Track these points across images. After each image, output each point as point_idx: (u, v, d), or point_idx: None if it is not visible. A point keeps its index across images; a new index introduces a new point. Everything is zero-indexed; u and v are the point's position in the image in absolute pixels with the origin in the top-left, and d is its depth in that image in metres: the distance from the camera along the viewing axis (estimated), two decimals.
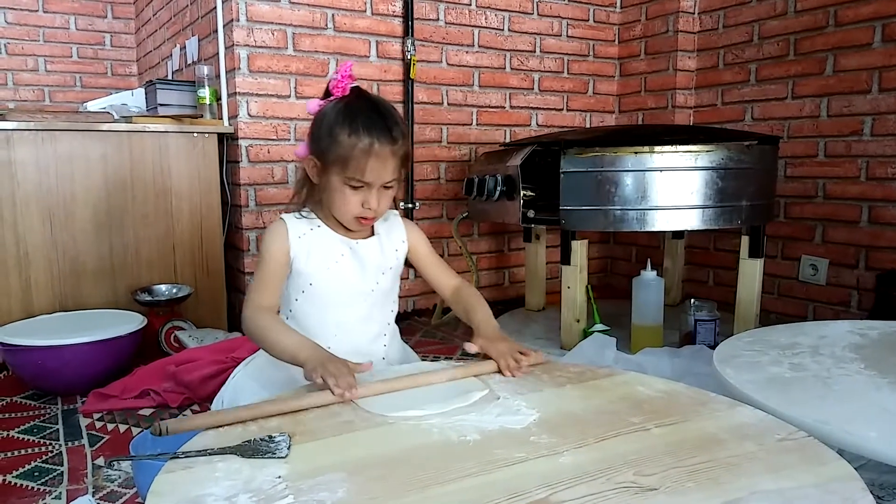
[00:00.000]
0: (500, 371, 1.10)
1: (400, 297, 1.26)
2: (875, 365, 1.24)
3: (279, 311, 1.18)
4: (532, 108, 3.00)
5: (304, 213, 1.17)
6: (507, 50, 2.91)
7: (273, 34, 2.45)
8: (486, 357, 1.13)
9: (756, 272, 2.18)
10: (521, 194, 2.10)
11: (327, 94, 1.12)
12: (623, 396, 1.03)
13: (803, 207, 2.63)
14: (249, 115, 2.45)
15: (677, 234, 2.79)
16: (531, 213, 2.12)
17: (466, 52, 2.82)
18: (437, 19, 2.74)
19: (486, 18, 2.85)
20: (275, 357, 1.08)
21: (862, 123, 2.43)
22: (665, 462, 0.80)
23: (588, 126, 3.16)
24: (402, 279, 1.26)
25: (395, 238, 1.22)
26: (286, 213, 1.17)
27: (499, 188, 2.13)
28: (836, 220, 2.53)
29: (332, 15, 2.55)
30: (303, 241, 1.13)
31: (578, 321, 2.12)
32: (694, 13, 2.95)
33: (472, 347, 1.13)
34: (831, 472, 0.78)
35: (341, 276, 1.15)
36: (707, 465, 0.79)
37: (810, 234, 2.61)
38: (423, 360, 1.33)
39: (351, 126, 1.07)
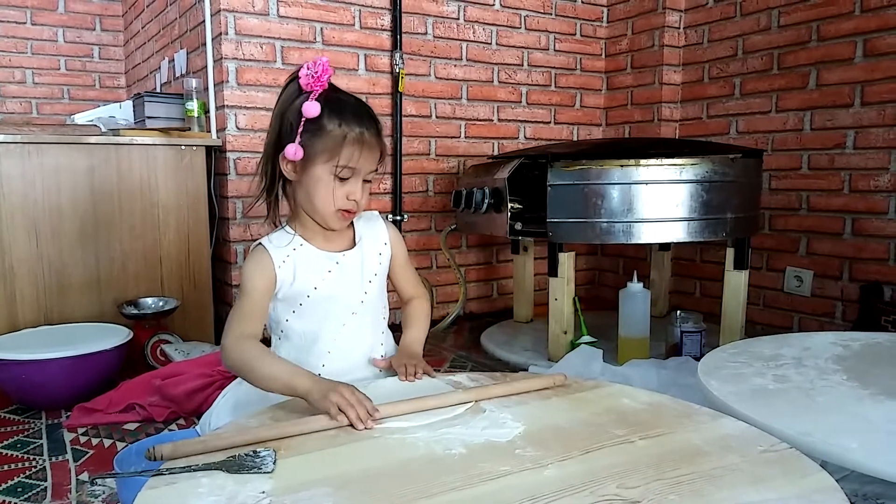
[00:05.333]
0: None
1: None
2: (857, 377, 1.25)
3: (267, 339, 1.18)
4: (520, 121, 3.02)
5: (286, 230, 1.16)
6: (495, 63, 2.93)
7: (262, 47, 2.46)
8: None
9: (741, 284, 2.20)
10: (509, 207, 2.11)
11: (299, 90, 1.09)
12: (608, 409, 1.04)
13: (788, 220, 2.65)
14: (237, 127, 2.45)
15: (664, 246, 2.81)
16: (518, 226, 2.13)
17: (454, 66, 2.84)
18: (426, 33, 2.76)
19: (473, 32, 2.87)
20: (262, 388, 1.04)
21: (845, 137, 2.47)
22: (648, 474, 0.80)
23: (575, 139, 3.18)
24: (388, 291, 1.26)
25: (378, 241, 1.21)
26: (266, 236, 1.15)
27: (486, 201, 2.15)
28: (820, 233, 2.56)
29: (321, 29, 2.56)
30: (287, 265, 1.12)
31: (566, 333, 2.13)
32: (679, 28, 2.99)
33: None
34: (813, 484, 0.79)
35: (328, 293, 1.14)
36: (690, 478, 0.80)
37: (795, 246, 2.64)
38: None
39: (340, 116, 1.08)
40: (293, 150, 1.08)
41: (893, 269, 2.36)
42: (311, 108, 1.06)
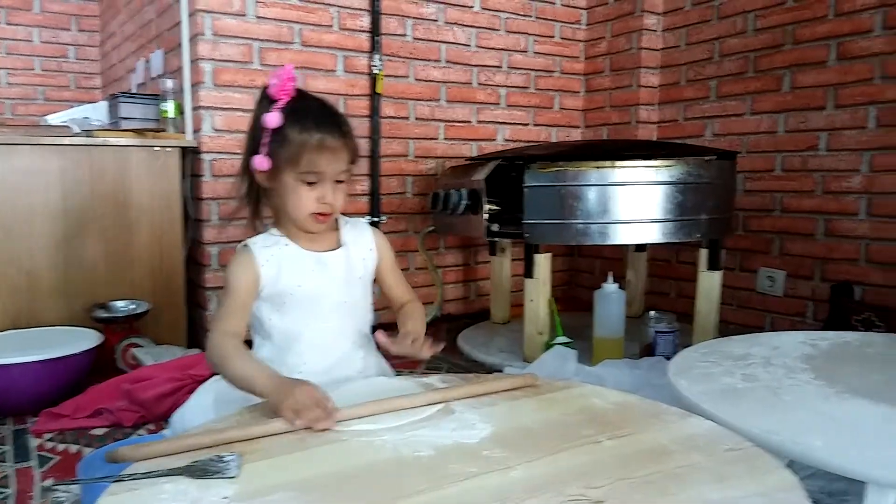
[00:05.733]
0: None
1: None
2: (824, 375, 1.27)
3: (251, 338, 1.18)
4: (499, 122, 3.03)
5: (272, 232, 1.17)
6: (474, 65, 2.94)
7: (239, 48, 2.45)
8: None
9: (714, 284, 2.22)
10: (486, 208, 2.12)
11: (268, 99, 1.12)
12: (578, 409, 1.04)
13: (761, 221, 2.68)
14: (214, 129, 2.43)
15: (640, 248, 2.83)
16: (495, 227, 2.13)
17: (434, 68, 2.84)
18: (405, 35, 2.76)
19: (453, 34, 2.87)
20: (233, 385, 1.05)
21: (818, 139, 2.50)
22: (614, 474, 0.80)
23: (554, 141, 3.19)
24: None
25: (363, 246, 1.22)
26: (251, 236, 1.17)
27: (463, 202, 2.15)
28: (792, 233, 2.59)
29: (300, 29, 2.55)
30: (271, 264, 1.13)
31: (541, 334, 2.14)
32: (657, 31, 3.01)
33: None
34: (776, 482, 0.80)
35: (312, 291, 1.15)
36: (654, 476, 0.80)
37: (768, 247, 2.67)
38: (398, 374, 1.32)
39: (301, 124, 1.09)
40: (259, 161, 1.11)
41: (864, 270, 2.39)
42: (272, 119, 1.09)
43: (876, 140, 2.33)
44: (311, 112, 1.11)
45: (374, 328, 1.22)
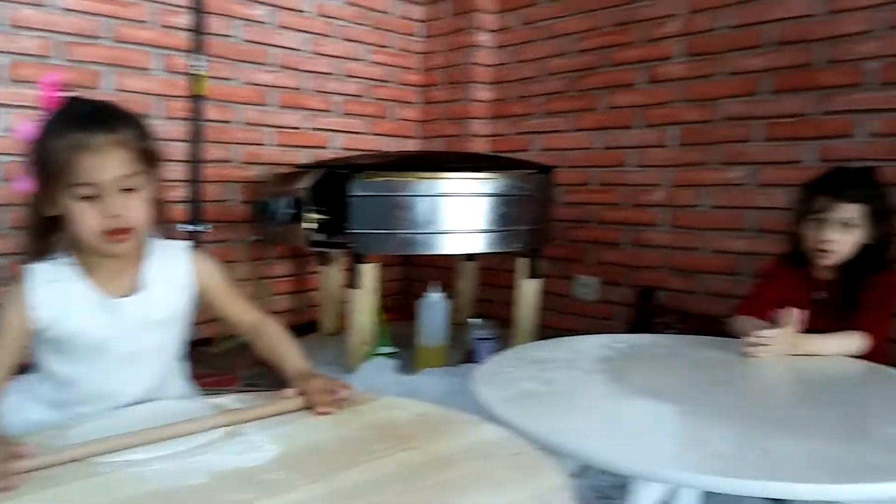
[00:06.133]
0: (311, 408, 1.03)
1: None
2: (616, 376, 1.35)
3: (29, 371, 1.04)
4: (333, 130, 2.99)
5: (62, 261, 1.01)
6: (307, 71, 2.88)
7: (39, 41, 2.22)
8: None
9: (533, 292, 2.32)
10: (310, 217, 2.07)
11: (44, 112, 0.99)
12: (376, 423, 1.03)
13: (579, 231, 2.85)
14: (7, 128, 2.19)
15: (470, 257, 2.90)
16: (320, 237, 2.09)
17: (263, 72, 2.75)
18: (233, 36, 2.65)
19: (285, 38, 2.80)
20: None
21: (626, 156, 2.70)
22: (396, 488, 0.80)
23: (390, 151, 3.21)
24: None
25: (173, 283, 1.07)
26: (39, 263, 1.00)
27: (287, 211, 2.09)
28: (605, 243, 2.78)
29: (113, 24, 2.36)
30: (48, 307, 0.98)
31: (365, 345, 2.12)
32: (489, 48, 3.12)
33: (289, 393, 1.05)
34: (546, 484, 0.83)
35: (97, 340, 1.01)
36: (436, 487, 0.81)
37: (584, 256, 2.84)
38: (205, 393, 1.23)
39: (60, 131, 0.94)
40: (21, 183, 0.96)
41: (666, 276, 2.61)
42: (25, 131, 0.96)
43: (676, 157, 2.56)
44: (75, 115, 0.96)
45: (199, 342, 1.12)
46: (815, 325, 1.56)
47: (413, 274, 3.42)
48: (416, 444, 0.94)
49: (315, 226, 2.10)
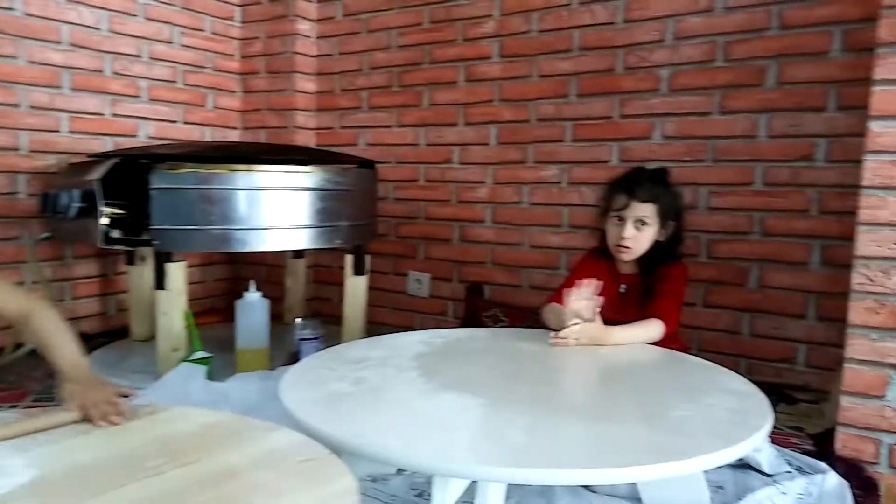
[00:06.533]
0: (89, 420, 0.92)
1: None
2: (427, 372, 1.34)
3: None
4: (140, 117, 2.74)
5: None
6: (107, 52, 2.61)
7: None
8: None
9: (360, 288, 2.28)
10: (104, 212, 1.87)
11: None
12: (154, 438, 0.94)
13: (409, 227, 2.85)
14: None
15: (298, 254, 2.80)
16: (116, 234, 1.90)
17: (53, 50, 2.45)
18: (13, 9, 2.34)
19: (78, 14, 2.52)
20: None
21: (452, 152, 2.74)
22: None
23: (202, 141, 3.00)
24: None
25: None
26: None
27: (76, 205, 1.87)
28: (435, 239, 2.80)
29: None
30: None
31: (176, 350, 1.97)
32: (311, 37, 3.02)
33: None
34: (332, 490, 0.79)
35: None
36: (213, 502, 0.74)
37: (415, 252, 2.85)
38: None
39: None
40: None
41: (491, 271, 2.68)
42: None
43: (497, 156, 2.63)
44: None
45: None
46: (620, 317, 1.66)
47: (241, 273, 3.24)
48: (197, 457, 0.86)
49: (108, 221, 1.90)
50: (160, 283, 1.95)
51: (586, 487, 1.31)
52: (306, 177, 2.01)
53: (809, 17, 2.01)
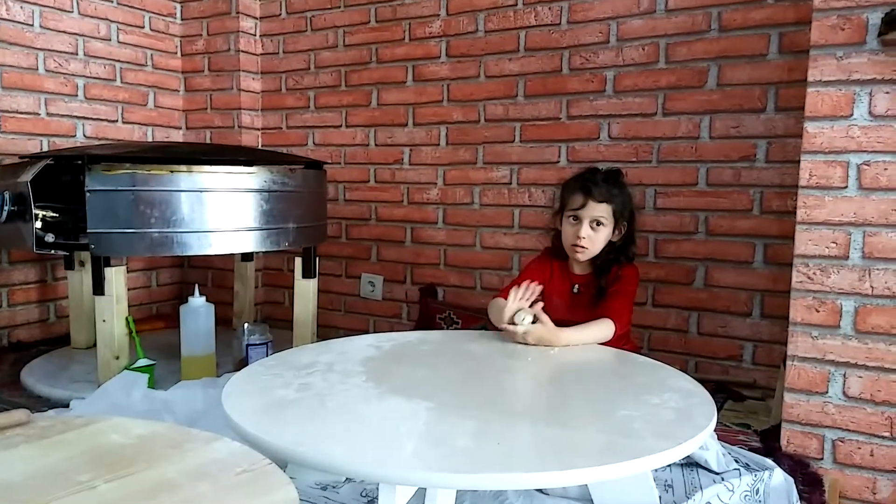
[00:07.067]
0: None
1: None
2: (375, 377, 1.32)
3: None
4: (77, 117, 2.64)
5: None
6: (40, 49, 2.51)
7: None
8: None
9: (310, 291, 2.24)
10: (36, 215, 1.79)
11: None
12: (86, 450, 0.89)
13: (361, 229, 2.82)
14: None
15: (246, 257, 2.74)
16: (49, 238, 1.82)
17: None
18: None
19: (7, 10, 2.41)
20: None
21: (402, 153, 2.72)
22: None
23: (141, 141, 2.92)
24: None
25: None
26: None
27: (8, 208, 1.79)
28: (387, 241, 2.77)
29: None
30: None
31: (118, 358, 1.90)
32: (255, 35, 2.96)
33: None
34: (271, 500, 0.77)
35: None
36: None
37: (368, 254, 2.82)
38: None
39: None
40: None
41: (444, 273, 2.67)
42: None
43: (447, 156, 2.62)
44: None
45: None
46: (572, 317, 1.66)
47: (187, 277, 3.15)
48: (130, 470, 0.83)
49: (41, 225, 1.82)
50: (98, 288, 1.88)
51: (539, 490, 1.31)
52: (251, 178, 1.96)
53: (747, 19, 2.06)
